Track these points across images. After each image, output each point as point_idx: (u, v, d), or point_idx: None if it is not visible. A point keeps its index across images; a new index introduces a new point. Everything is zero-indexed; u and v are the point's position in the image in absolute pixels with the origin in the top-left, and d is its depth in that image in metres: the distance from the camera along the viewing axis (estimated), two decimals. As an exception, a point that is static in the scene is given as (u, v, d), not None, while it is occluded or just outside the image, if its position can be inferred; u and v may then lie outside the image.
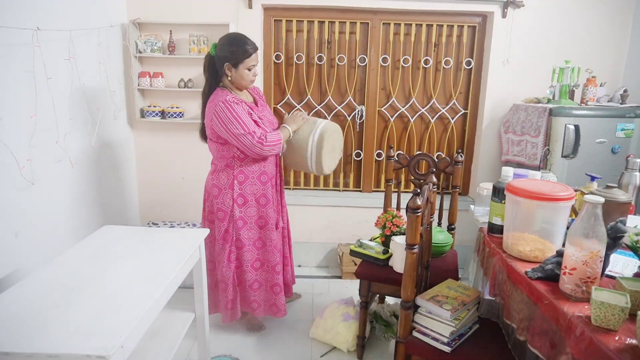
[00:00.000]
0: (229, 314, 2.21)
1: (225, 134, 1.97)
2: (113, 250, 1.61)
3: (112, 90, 2.59)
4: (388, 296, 2.30)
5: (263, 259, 2.20)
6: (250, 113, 2.00)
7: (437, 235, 2.16)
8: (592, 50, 2.89)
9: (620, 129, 2.49)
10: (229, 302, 2.18)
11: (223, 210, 2.10)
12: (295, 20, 2.95)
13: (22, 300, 1.26)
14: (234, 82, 2.06)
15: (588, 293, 1.10)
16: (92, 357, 1.02)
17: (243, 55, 1.99)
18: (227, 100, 1.94)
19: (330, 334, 2.21)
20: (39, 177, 1.96)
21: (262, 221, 2.16)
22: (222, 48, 2.00)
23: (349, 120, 3.08)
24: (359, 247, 2.14)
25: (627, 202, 1.43)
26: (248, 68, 2.03)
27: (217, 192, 2.11)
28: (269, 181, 2.14)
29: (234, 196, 2.08)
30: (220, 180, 2.11)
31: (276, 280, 2.21)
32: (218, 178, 2.12)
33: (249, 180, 2.10)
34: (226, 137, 1.98)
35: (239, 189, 2.09)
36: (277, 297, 2.23)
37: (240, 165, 2.08)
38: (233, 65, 2.00)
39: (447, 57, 2.99)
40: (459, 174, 2.28)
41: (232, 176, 2.09)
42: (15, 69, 1.82)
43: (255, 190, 2.12)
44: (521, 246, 1.37)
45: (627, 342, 0.95)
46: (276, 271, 2.21)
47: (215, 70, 2.06)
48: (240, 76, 2.03)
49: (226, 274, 2.15)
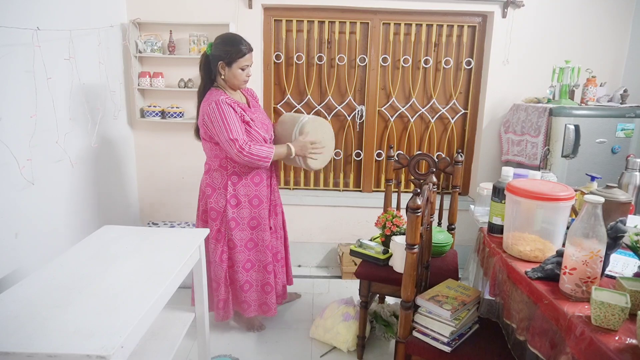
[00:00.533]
0: (221, 314, 2.22)
1: (215, 136, 1.98)
2: (113, 251, 1.61)
3: (112, 90, 2.59)
4: (388, 296, 2.29)
5: (255, 259, 2.21)
6: (242, 115, 2.00)
7: (437, 235, 2.15)
8: (592, 50, 2.89)
9: (620, 129, 2.49)
10: (221, 302, 2.19)
11: (216, 210, 2.11)
12: (295, 20, 2.94)
13: (22, 300, 1.25)
14: (227, 82, 2.06)
15: (588, 293, 1.10)
16: (92, 357, 1.02)
17: (237, 54, 2.00)
18: (220, 100, 1.95)
19: (330, 334, 2.21)
20: (39, 177, 1.96)
21: (254, 222, 2.16)
22: (217, 47, 2.01)
23: (349, 120, 3.08)
24: (359, 247, 2.14)
25: (627, 202, 1.43)
26: (242, 68, 2.03)
27: (210, 192, 2.11)
28: (262, 182, 2.14)
29: (227, 197, 2.09)
30: (214, 180, 2.11)
31: (267, 279, 2.21)
32: (212, 178, 2.12)
33: (242, 181, 2.10)
34: (216, 139, 1.99)
35: (233, 190, 2.10)
36: (267, 296, 2.23)
37: (234, 166, 2.09)
38: (227, 64, 2.01)
39: (447, 57, 2.99)
40: (459, 174, 2.28)
41: (225, 177, 2.09)
42: (15, 69, 1.82)
43: (249, 192, 2.12)
44: (521, 246, 1.37)
45: (627, 342, 0.95)
46: (267, 271, 2.21)
47: (210, 69, 2.07)
48: (233, 75, 2.04)
49: (218, 274, 2.15)
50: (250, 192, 2.12)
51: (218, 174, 2.11)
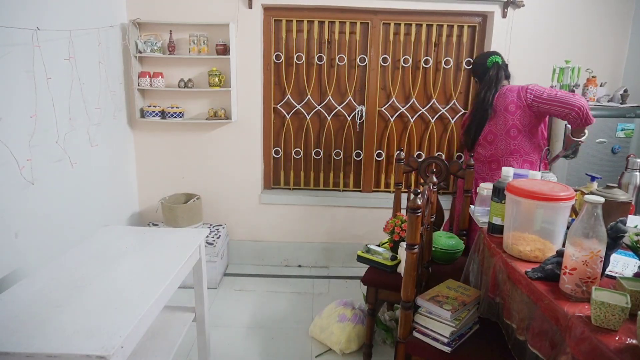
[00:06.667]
0: None
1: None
2: (113, 251, 1.61)
3: (112, 90, 2.59)
4: (397, 304, 2.16)
5: None
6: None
7: (448, 240, 2.04)
8: (592, 50, 2.89)
9: (620, 129, 2.49)
10: None
11: None
12: (295, 20, 2.94)
13: (22, 300, 1.26)
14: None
15: (588, 293, 1.10)
16: (92, 357, 1.02)
17: None
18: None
19: (325, 334, 2.20)
20: (39, 177, 1.96)
21: None
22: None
23: (349, 120, 3.08)
24: (366, 253, 2.06)
25: (627, 202, 1.43)
26: None
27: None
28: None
29: None
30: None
31: None
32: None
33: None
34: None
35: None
36: None
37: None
38: None
39: (447, 57, 2.99)
40: (471, 178, 2.19)
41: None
42: (15, 69, 1.82)
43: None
44: (521, 246, 1.37)
45: (627, 342, 0.95)
46: None
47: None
48: None
49: None
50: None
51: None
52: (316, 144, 3.15)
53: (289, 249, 3.17)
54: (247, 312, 2.54)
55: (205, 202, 3.05)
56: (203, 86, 2.87)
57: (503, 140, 2.17)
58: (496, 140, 2.18)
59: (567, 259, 1.13)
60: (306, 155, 3.18)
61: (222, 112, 2.88)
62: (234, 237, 3.17)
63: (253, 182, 3.09)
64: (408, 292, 1.50)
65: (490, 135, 2.20)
